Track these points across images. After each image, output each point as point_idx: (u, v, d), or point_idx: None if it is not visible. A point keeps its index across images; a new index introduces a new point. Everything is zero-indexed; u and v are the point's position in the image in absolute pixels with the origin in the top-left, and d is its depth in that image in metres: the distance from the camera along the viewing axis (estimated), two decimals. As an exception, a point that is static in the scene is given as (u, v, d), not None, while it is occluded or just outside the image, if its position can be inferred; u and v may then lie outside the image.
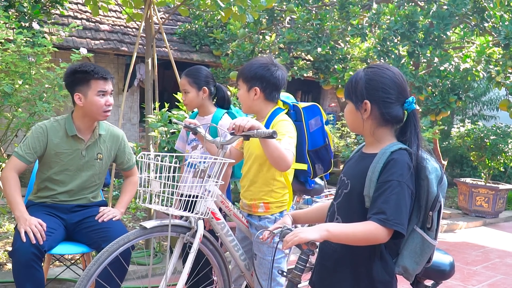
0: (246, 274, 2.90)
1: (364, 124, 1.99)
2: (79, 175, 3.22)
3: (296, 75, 9.03)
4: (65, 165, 3.17)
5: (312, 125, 2.91)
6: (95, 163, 3.26)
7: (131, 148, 3.54)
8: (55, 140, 3.13)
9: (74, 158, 3.18)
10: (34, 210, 3.07)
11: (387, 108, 1.94)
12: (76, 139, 3.17)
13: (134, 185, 3.53)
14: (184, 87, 3.36)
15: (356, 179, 1.98)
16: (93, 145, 3.25)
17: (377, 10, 7.87)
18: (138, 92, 10.18)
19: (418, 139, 1.92)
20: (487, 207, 8.72)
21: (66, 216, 3.18)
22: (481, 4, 7.67)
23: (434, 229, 1.90)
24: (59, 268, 4.27)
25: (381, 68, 1.98)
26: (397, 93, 1.94)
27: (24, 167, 3.09)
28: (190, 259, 2.55)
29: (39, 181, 3.23)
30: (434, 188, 1.86)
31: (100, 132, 3.26)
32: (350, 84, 2.01)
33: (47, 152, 3.14)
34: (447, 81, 7.58)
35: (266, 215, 2.76)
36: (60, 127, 3.17)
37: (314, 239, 1.78)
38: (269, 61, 2.75)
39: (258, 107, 2.79)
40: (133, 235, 2.48)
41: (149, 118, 4.74)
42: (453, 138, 9.93)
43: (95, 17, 7.36)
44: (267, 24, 9.33)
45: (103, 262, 2.40)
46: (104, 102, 3.11)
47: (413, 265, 1.92)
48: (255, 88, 2.72)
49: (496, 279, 5.35)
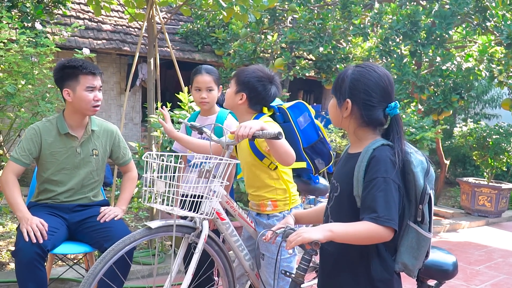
0: (250, 274, 2.90)
1: (342, 121, 2.01)
2: (76, 173, 3.22)
3: (298, 75, 9.03)
4: (61, 164, 3.17)
5: (301, 122, 2.89)
6: (91, 160, 3.26)
7: (131, 146, 3.52)
8: (48, 140, 3.14)
9: (70, 156, 3.18)
10: (36, 210, 3.08)
11: (367, 111, 1.94)
12: (69, 137, 3.17)
13: (132, 181, 3.52)
14: (210, 85, 3.32)
15: (344, 181, 1.98)
16: (87, 142, 3.24)
17: (379, 9, 7.86)
18: (140, 92, 10.19)
19: (401, 143, 1.91)
20: (489, 207, 8.71)
21: (68, 216, 3.19)
22: (483, 3, 7.66)
23: (427, 222, 1.90)
24: (62, 268, 4.28)
25: (369, 69, 1.96)
26: (380, 96, 1.93)
27: (21, 170, 3.11)
28: (194, 259, 2.55)
29: (39, 184, 3.24)
30: (420, 181, 1.87)
31: (93, 128, 3.26)
32: (337, 80, 2.01)
33: (42, 153, 3.14)
34: (449, 81, 7.57)
35: (274, 213, 2.76)
36: (53, 127, 3.17)
37: (318, 239, 1.78)
38: (267, 77, 2.73)
39: (240, 112, 2.79)
40: (138, 235, 2.49)
41: (151, 117, 4.74)
42: (456, 137, 9.91)
43: (98, 17, 7.37)
44: (269, 24, 9.33)
45: (109, 260, 2.41)
46: (92, 97, 3.10)
47: (412, 260, 1.92)
48: (242, 93, 2.72)
49: (499, 279, 5.34)
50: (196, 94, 3.36)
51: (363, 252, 1.91)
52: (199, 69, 3.38)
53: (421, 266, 1.96)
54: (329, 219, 2.07)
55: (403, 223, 1.91)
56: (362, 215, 1.84)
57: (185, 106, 4.66)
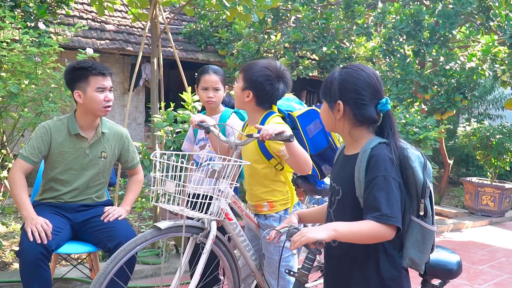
0: (257, 274, 2.90)
1: (336, 124, 2.02)
2: (83, 174, 3.22)
3: (301, 75, 9.03)
4: (69, 164, 3.17)
5: (312, 129, 2.86)
6: (99, 162, 3.26)
7: (135, 147, 3.55)
8: (58, 139, 3.14)
9: (78, 157, 3.19)
10: (41, 210, 3.08)
11: (360, 109, 1.95)
12: (79, 138, 3.18)
13: (139, 184, 3.53)
14: (217, 85, 3.35)
15: (346, 183, 1.99)
16: (97, 144, 3.25)
17: (382, 9, 7.86)
18: (143, 92, 10.20)
19: (395, 139, 1.93)
20: (493, 206, 8.68)
21: (71, 216, 3.19)
22: (487, 3, 7.64)
23: (430, 215, 1.91)
24: (66, 267, 4.29)
25: (356, 69, 1.98)
26: (371, 94, 1.94)
27: (30, 168, 3.11)
28: (202, 259, 2.55)
29: (45, 181, 3.25)
30: (420, 175, 1.88)
31: (103, 130, 3.26)
32: (325, 84, 2.03)
33: (51, 152, 3.15)
34: (453, 80, 7.56)
35: (271, 213, 2.76)
36: (64, 126, 3.17)
37: (322, 239, 1.77)
38: (276, 74, 2.67)
39: (248, 110, 2.78)
40: (149, 235, 2.50)
41: (155, 117, 4.74)
42: (459, 137, 9.90)
43: (101, 17, 7.37)
44: (272, 24, 9.34)
45: (120, 260, 2.42)
46: (103, 98, 3.12)
47: (419, 255, 1.93)
48: (249, 91, 2.68)
49: (503, 278, 5.33)
50: (203, 94, 3.37)
51: (370, 252, 1.92)
52: (206, 68, 3.39)
53: (427, 260, 1.97)
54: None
55: (406, 219, 1.92)
56: (365, 215, 1.85)
57: (188, 106, 4.66)
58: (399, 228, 1.82)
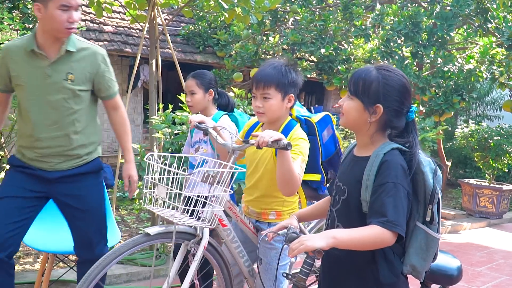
0: (249, 280, 2.85)
1: (367, 126, 1.94)
2: (46, 99, 2.76)
3: (299, 76, 9.00)
4: (29, 87, 2.75)
5: (325, 136, 2.83)
6: (64, 85, 2.76)
7: (113, 73, 3.10)
8: (15, 58, 2.74)
9: (38, 78, 2.73)
10: (8, 179, 2.83)
11: (397, 117, 1.90)
12: (38, 55, 2.72)
13: (123, 121, 3.09)
14: (191, 88, 3.36)
15: (352, 184, 1.95)
16: (61, 63, 2.76)
17: (380, 11, 7.86)
18: (141, 93, 10.19)
19: (417, 148, 1.90)
20: (491, 208, 8.70)
21: (46, 189, 2.86)
22: (484, 5, 7.66)
23: (436, 223, 1.88)
24: (63, 269, 4.27)
25: (397, 74, 1.90)
26: (409, 103, 1.91)
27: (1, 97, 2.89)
28: (193, 267, 2.49)
29: (18, 123, 2.93)
30: (430, 181, 1.85)
31: (69, 49, 2.76)
32: (362, 82, 1.91)
33: (12, 75, 2.78)
34: (451, 82, 7.57)
35: (277, 222, 2.64)
36: (22, 44, 2.74)
37: (321, 247, 1.73)
38: (285, 63, 2.58)
39: (282, 115, 2.61)
40: (136, 241, 2.42)
41: (153, 119, 4.74)
42: (457, 138, 9.90)
43: (99, 18, 7.37)
44: (270, 25, 9.33)
45: (104, 267, 2.35)
46: (66, 18, 2.63)
47: (421, 262, 1.89)
48: (290, 95, 2.55)
49: (501, 280, 5.34)
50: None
51: (370, 256, 1.89)
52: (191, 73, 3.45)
53: (428, 268, 1.94)
54: (336, 222, 2.03)
55: (410, 225, 1.89)
56: (369, 219, 1.81)
57: (186, 107, 4.66)
58: (400, 236, 1.79)
